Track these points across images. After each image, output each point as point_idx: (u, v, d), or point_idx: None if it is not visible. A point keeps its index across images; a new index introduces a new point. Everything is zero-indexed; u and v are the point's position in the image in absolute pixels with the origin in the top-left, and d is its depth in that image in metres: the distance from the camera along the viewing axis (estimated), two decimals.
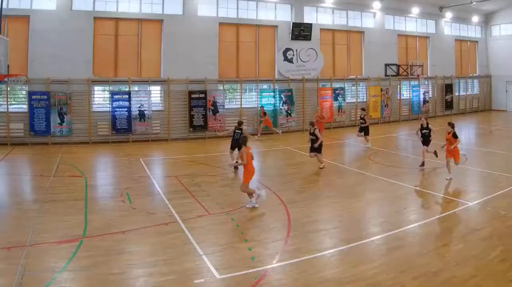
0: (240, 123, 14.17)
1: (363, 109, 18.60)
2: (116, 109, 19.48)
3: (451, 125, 11.76)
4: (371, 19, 25.66)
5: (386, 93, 25.64)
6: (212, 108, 20.74)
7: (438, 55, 28.86)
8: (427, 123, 13.27)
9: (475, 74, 32.15)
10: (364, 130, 17.57)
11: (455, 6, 27.98)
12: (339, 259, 6.86)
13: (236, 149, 13.48)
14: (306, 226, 8.31)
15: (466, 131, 23.05)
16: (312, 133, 13.59)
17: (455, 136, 11.56)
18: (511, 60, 30.00)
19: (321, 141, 13.47)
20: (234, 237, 7.89)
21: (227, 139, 20.09)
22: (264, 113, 21.03)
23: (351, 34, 25.10)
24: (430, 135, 13.22)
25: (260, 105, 21.82)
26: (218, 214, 9.06)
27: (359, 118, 18.10)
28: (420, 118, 14.61)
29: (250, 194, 9.54)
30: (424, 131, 13.24)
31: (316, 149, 13.50)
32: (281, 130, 21.12)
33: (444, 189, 11.17)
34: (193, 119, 20.54)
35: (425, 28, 28.66)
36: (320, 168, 13.47)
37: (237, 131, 13.65)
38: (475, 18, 30.91)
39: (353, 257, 6.85)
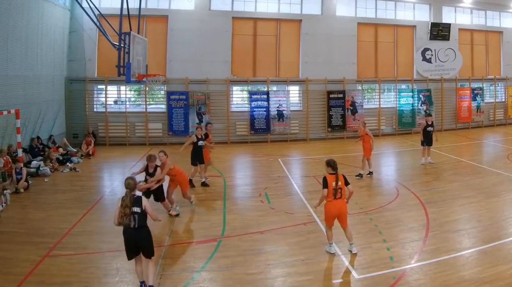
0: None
1: None
2: (254, 109, 19.27)
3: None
4: (510, 19, 24.21)
5: None
6: (351, 108, 20.02)
7: None
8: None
9: None
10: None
11: None
12: (477, 259, 6.71)
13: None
14: (445, 226, 8.15)
15: None
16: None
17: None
18: None
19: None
20: (373, 237, 7.71)
21: None
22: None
23: (489, 34, 23.74)
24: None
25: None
26: (357, 214, 8.92)
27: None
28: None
29: None
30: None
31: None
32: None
33: None
34: (331, 119, 19.89)
35: None
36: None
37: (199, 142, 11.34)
38: None
39: (491, 257, 6.69)
